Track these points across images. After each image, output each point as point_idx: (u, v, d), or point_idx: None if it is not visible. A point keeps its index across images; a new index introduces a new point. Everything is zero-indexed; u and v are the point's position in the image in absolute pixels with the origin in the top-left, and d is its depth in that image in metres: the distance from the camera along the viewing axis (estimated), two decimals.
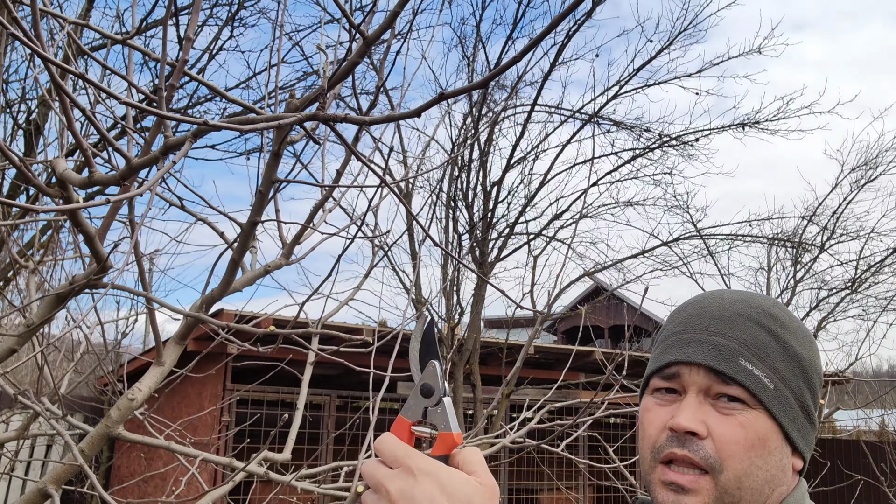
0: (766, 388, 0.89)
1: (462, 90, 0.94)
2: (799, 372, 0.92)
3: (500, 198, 8.90)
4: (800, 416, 0.91)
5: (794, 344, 0.92)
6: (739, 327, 0.92)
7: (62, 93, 1.21)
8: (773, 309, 0.95)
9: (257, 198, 1.60)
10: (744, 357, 0.90)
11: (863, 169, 9.72)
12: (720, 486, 0.87)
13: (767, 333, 0.92)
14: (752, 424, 0.89)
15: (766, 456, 0.89)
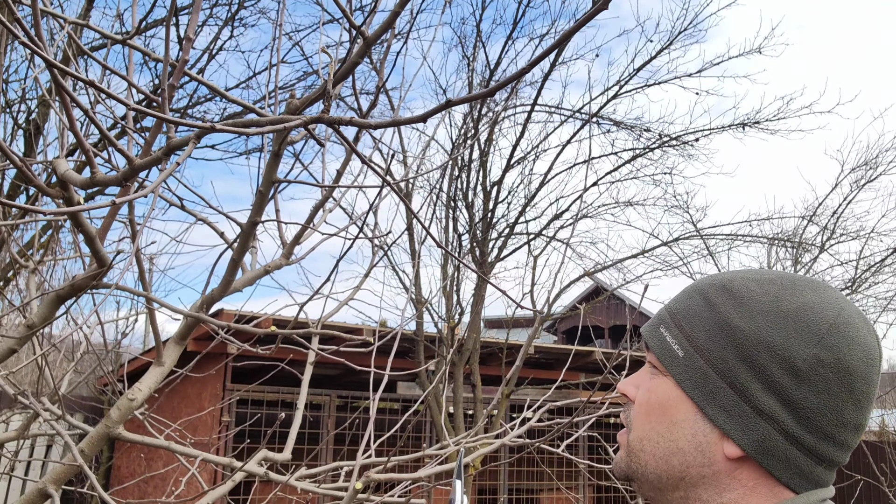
0: (673, 354, 0.84)
1: (467, 98, 0.94)
2: (729, 344, 0.80)
3: (500, 198, 8.90)
4: (724, 392, 0.80)
5: (733, 315, 0.81)
6: (683, 297, 0.88)
7: (63, 92, 1.21)
8: (738, 282, 0.84)
9: (257, 198, 1.60)
10: (664, 324, 0.87)
11: (863, 169, 9.72)
12: (629, 443, 0.89)
13: (704, 303, 0.84)
14: (657, 390, 0.86)
15: (670, 425, 0.84)
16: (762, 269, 0.91)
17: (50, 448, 8.79)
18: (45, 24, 2.28)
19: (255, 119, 1.00)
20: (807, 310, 0.78)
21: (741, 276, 0.85)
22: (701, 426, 0.82)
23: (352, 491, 1.79)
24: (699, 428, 0.82)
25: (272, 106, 1.68)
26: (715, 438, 0.81)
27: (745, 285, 0.83)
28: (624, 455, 0.90)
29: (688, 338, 0.83)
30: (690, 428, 0.82)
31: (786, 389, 0.76)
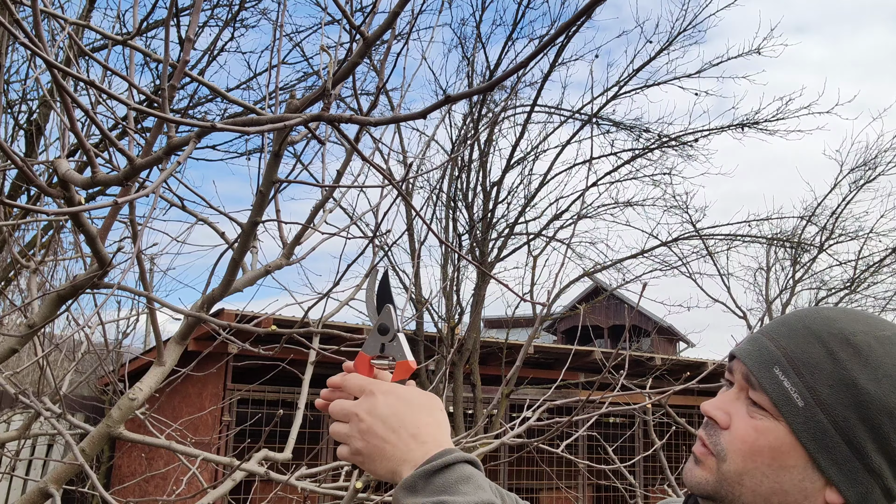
0: (792, 402, 0.86)
1: (466, 94, 0.94)
2: (852, 404, 0.83)
3: (499, 198, 8.91)
4: (841, 450, 0.84)
5: (860, 375, 0.84)
6: (797, 339, 0.89)
7: (64, 93, 1.22)
8: (860, 336, 0.86)
9: (258, 198, 1.61)
10: (780, 366, 0.88)
11: (862, 169, 9.74)
12: (721, 471, 0.90)
13: (827, 354, 0.86)
14: (767, 434, 0.87)
15: (779, 469, 0.87)
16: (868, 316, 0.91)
17: (51, 447, 8.80)
18: (45, 24, 2.29)
19: (255, 118, 1.00)
20: None
21: (861, 331, 0.87)
22: (810, 474, 0.86)
23: (352, 490, 1.79)
24: (808, 475, 0.86)
25: (273, 106, 1.69)
26: (820, 485, 0.86)
27: (867, 343, 0.85)
28: (712, 479, 0.91)
29: (809, 389, 0.85)
30: (800, 474, 0.86)
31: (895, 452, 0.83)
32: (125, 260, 2.53)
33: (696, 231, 9.60)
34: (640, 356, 8.85)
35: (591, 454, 9.31)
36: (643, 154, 9.51)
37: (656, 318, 13.43)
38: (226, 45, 6.95)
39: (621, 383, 2.58)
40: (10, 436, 2.49)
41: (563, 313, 11.77)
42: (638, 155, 9.51)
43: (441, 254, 8.64)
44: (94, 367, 3.97)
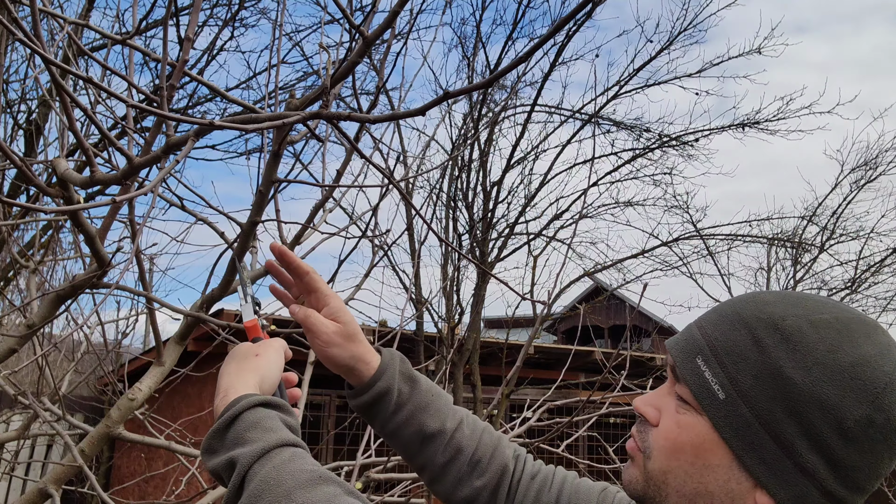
0: (712, 394, 0.78)
1: (466, 90, 0.94)
2: (778, 395, 0.74)
3: (500, 198, 8.90)
4: (769, 447, 0.75)
5: (787, 364, 0.74)
6: (723, 326, 0.80)
7: (63, 92, 1.21)
8: (791, 321, 0.77)
9: (257, 198, 1.60)
10: (702, 356, 0.80)
11: (863, 169, 9.73)
12: (647, 470, 0.84)
13: (752, 341, 0.77)
14: (689, 429, 0.80)
15: (703, 468, 0.79)
16: (808, 298, 0.80)
17: (50, 448, 8.80)
18: (45, 24, 2.29)
19: (254, 116, 1.00)
20: (864, 365, 0.74)
21: (793, 314, 0.77)
22: (735, 474, 0.77)
23: None
24: (733, 475, 0.78)
25: (272, 106, 1.68)
26: (748, 487, 0.77)
27: (798, 327, 0.76)
28: (640, 478, 0.86)
29: (731, 380, 0.77)
30: (724, 474, 0.78)
31: (832, 449, 0.73)
32: (124, 260, 2.52)
33: (697, 231, 9.60)
34: (640, 356, 8.84)
35: (592, 455, 9.31)
36: (644, 154, 9.51)
37: (657, 319, 13.42)
38: (225, 45, 6.94)
39: (622, 383, 2.58)
40: (10, 436, 2.49)
41: (563, 313, 11.77)
42: (638, 155, 9.51)
43: (441, 254, 8.64)
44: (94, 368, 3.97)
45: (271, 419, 0.85)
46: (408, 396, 1.06)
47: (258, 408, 0.86)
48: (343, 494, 0.78)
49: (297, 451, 0.82)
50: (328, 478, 0.79)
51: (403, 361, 1.09)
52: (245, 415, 0.85)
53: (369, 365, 1.05)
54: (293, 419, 0.89)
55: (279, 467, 0.78)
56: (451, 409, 1.09)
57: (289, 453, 0.81)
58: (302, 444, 0.85)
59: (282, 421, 0.86)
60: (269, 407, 0.87)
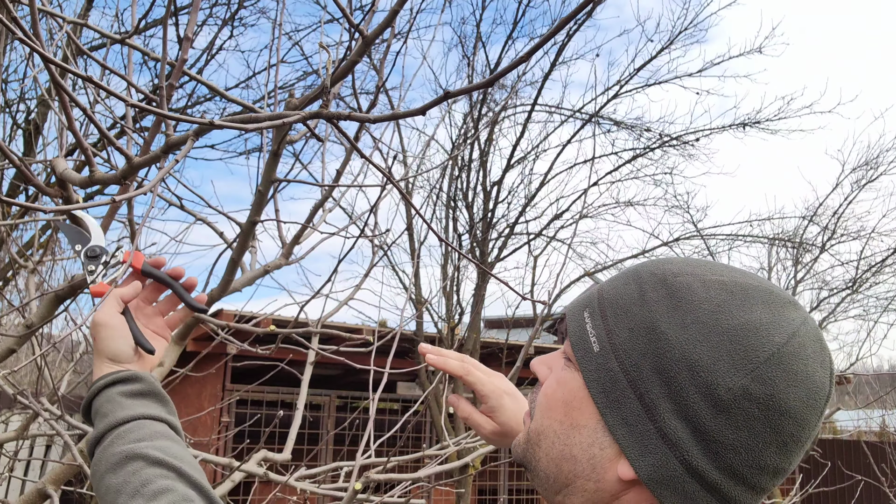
0: (588, 347, 0.72)
1: (466, 89, 0.93)
2: (648, 351, 0.67)
3: (500, 198, 8.90)
4: (631, 403, 0.68)
5: (663, 318, 0.68)
6: (617, 280, 0.75)
7: (62, 91, 1.21)
8: (684, 278, 0.70)
9: (257, 197, 1.60)
10: (589, 308, 0.74)
11: (863, 169, 9.73)
12: (528, 431, 0.79)
13: (638, 295, 0.71)
14: (564, 384, 0.74)
15: (570, 428, 0.73)
16: (723, 266, 0.73)
17: (49, 448, 8.79)
18: (43, 23, 2.28)
19: (254, 115, 0.99)
20: (750, 329, 0.66)
21: (689, 272, 0.71)
22: (599, 437, 0.71)
23: (351, 491, 1.78)
24: (597, 439, 0.71)
25: (272, 105, 1.68)
26: (611, 454, 0.70)
27: (688, 283, 0.69)
28: (523, 440, 0.80)
29: (608, 332, 0.71)
30: (589, 436, 0.71)
31: (699, 417, 0.65)
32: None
33: (698, 231, 9.60)
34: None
35: None
36: (644, 153, 9.50)
37: None
38: (224, 44, 6.94)
39: None
40: (9, 436, 2.48)
41: (563, 313, 11.75)
42: (639, 154, 9.51)
43: (441, 254, 8.64)
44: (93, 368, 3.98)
45: (109, 402, 0.94)
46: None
47: (99, 393, 0.96)
48: (147, 466, 0.85)
49: (120, 431, 0.91)
50: (135, 454, 0.86)
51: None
52: (93, 402, 0.96)
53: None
54: (135, 382, 0.96)
55: (100, 453, 0.89)
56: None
57: (110, 438, 0.90)
58: (134, 409, 0.94)
59: (122, 395, 0.95)
60: (112, 385, 0.96)
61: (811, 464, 8.37)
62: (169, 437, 0.93)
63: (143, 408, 0.94)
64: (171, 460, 0.86)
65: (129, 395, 0.95)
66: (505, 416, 1.02)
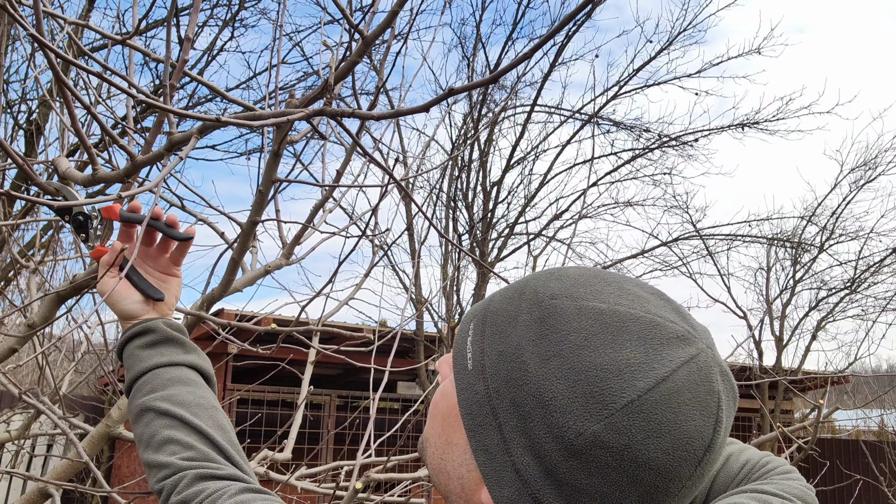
0: (463, 364, 0.68)
1: (470, 86, 0.94)
2: (510, 380, 0.63)
3: (499, 198, 8.92)
4: (490, 432, 0.64)
5: (528, 346, 0.63)
6: (506, 293, 0.70)
7: (66, 89, 1.22)
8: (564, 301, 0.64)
9: (257, 197, 1.61)
10: (476, 321, 0.70)
11: (862, 169, 9.74)
12: (424, 433, 0.76)
13: (514, 314, 0.66)
14: (446, 397, 0.70)
15: (445, 444, 0.70)
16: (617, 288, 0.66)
17: (50, 448, 8.80)
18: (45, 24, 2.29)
19: (258, 112, 1.00)
20: (612, 371, 0.59)
21: (570, 293, 0.65)
22: (467, 459, 0.67)
23: (352, 490, 1.79)
24: (465, 460, 0.67)
25: (272, 105, 1.69)
26: (476, 478, 0.67)
27: (562, 309, 0.63)
28: (422, 439, 0.77)
29: (482, 351, 0.66)
30: (459, 456, 0.68)
31: (550, 458, 0.60)
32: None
33: (697, 231, 9.61)
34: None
35: None
36: (643, 154, 9.51)
37: None
38: (225, 45, 6.95)
39: None
40: (10, 436, 2.49)
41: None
42: (638, 155, 9.52)
43: (441, 254, 8.65)
44: (94, 368, 3.99)
45: (130, 357, 1.03)
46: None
47: (123, 350, 1.05)
48: (156, 418, 0.94)
49: (138, 384, 1.00)
50: (146, 408, 0.96)
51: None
52: (122, 358, 1.05)
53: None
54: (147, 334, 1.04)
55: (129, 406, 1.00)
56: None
57: (133, 391, 1.00)
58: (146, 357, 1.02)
59: (138, 348, 1.03)
60: (129, 341, 1.05)
61: (810, 463, 8.38)
62: (182, 381, 1.01)
63: (157, 357, 1.02)
64: (175, 409, 0.95)
65: (144, 347, 1.04)
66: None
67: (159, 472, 0.89)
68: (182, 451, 0.90)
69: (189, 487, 0.85)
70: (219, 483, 0.86)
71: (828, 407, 4.74)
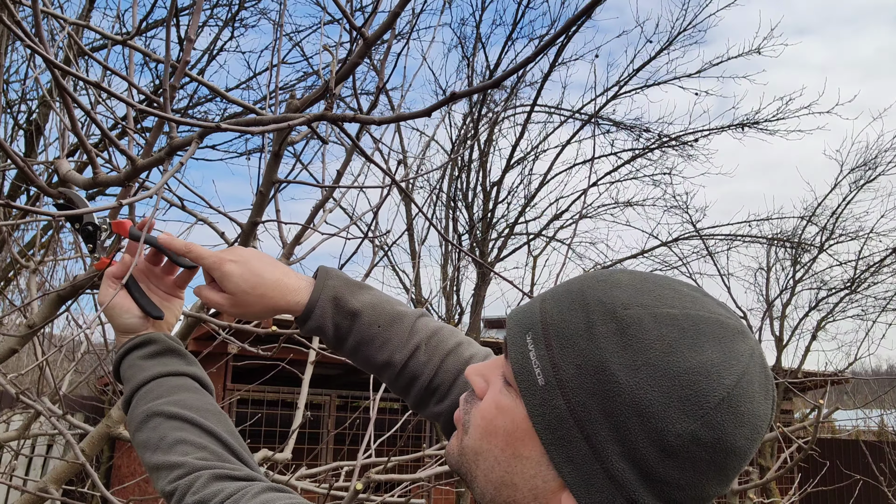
0: (532, 378, 0.69)
1: (472, 91, 0.94)
2: (598, 392, 0.65)
3: (499, 198, 8.92)
4: (580, 447, 0.66)
5: (614, 359, 0.65)
6: (563, 303, 0.70)
7: (64, 93, 1.22)
8: (635, 310, 0.67)
9: (258, 198, 1.61)
10: (532, 333, 0.70)
11: (862, 169, 9.75)
12: (463, 445, 0.77)
13: (586, 326, 0.68)
14: (506, 412, 0.71)
15: (512, 458, 0.71)
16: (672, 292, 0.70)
17: (50, 448, 8.81)
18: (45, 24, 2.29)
19: (258, 118, 1.00)
20: (701, 374, 0.64)
21: (638, 303, 0.67)
22: (543, 471, 0.69)
23: (352, 491, 1.79)
24: (541, 472, 0.69)
25: (273, 106, 1.69)
26: (554, 487, 0.69)
27: (638, 318, 0.66)
28: (456, 451, 0.78)
29: (554, 366, 0.67)
30: (532, 468, 0.70)
31: (647, 461, 0.64)
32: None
33: (697, 231, 9.61)
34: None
35: None
36: (643, 154, 9.52)
37: None
38: (225, 45, 6.95)
39: None
40: (10, 436, 2.49)
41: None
42: (638, 155, 9.52)
43: (441, 254, 8.65)
44: (94, 368, 3.99)
45: (130, 368, 1.02)
46: (347, 330, 1.02)
47: (121, 362, 1.03)
48: (165, 421, 0.92)
49: (141, 392, 0.98)
50: (153, 412, 0.94)
51: (339, 296, 1.02)
52: (119, 371, 1.04)
53: (297, 305, 1.02)
54: (150, 345, 1.03)
55: (130, 415, 0.98)
56: (405, 336, 1.03)
57: (135, 400, 0.98)
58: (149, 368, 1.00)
59: (139, 358, 1.02)
60: (130, 352, 1.03)
61: (810, 463, 8.38)
62: (188, 389, 0.98)
63: (160, 366, 1.00)
64: (185, 412, 0.93)
65: (147, 357, 1.02)
66: (232, 282, 1.01)
67: (171, 473, 0.86)
68: (195, 451, 0.88)
69: (206, 487, 0.83)
70: (238, 483, 0.83)
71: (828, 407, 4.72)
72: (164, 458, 0.88)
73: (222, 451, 0.90)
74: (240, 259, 1.01)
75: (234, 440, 0.93)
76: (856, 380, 10.71)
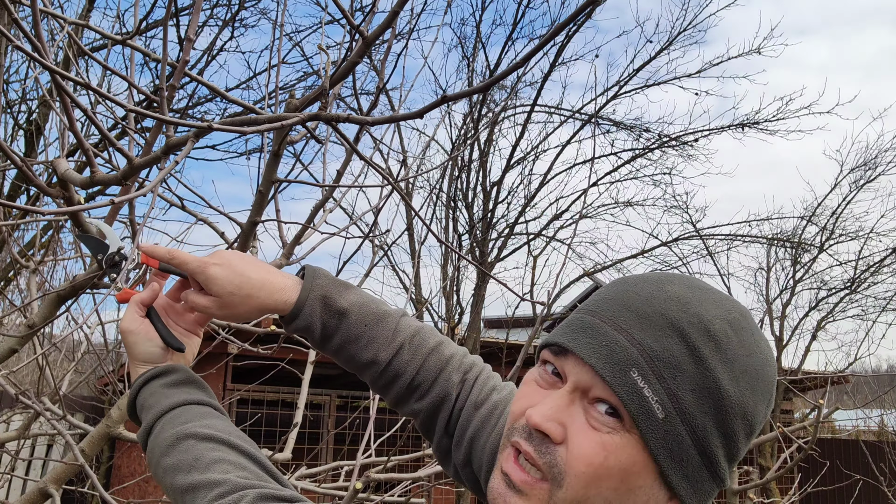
0: (652, 414, 0.70)
1: (464, 94, 0.94)
2: (712, 410, 0.70)
3: (499, 198, 8.92)
4: (694, 462, 0.71)
5: (722, 374, 0.71)
6: (653, 331, 0.72)
7: (63, 94, 1.22)
8: (717, 324, 0.72)
9: (257, 198, 1.61)
10: (638, 369, 0.71)
11: (862, 169, 9.75)
12: (555, 499, 0.73)
13: (688, 351, 0.71)
14: (618, 452, 0.71)
15: (626, 492, 0.72)
16: (710, 289, 0.78)
17: (50, 448, 8.81)
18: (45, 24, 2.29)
19: (253, 117, 1.00)
20: (768, 364, 0.76)
21: (715, 315, 0.73)
22: (655, 493, 0.73)
23: (352, 490, 1.79)
24: (653, 494, 0.73)
25: (272, 106, 1.69)
26: (663, 498, 0.74)
27: (724, 331, 0.73)
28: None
29: (671, 397, 0.70)
30: (644, 494, 0.73)
31: (740, 451, 0.74)
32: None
33: (697, 231, 9.61)
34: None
35: None
36: (643, 154, 9.52)
37: None
38: (225, 45, 6.95)
39: None
40: (10, 436, 2.49)
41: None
42: (638, 155, 9.52)
43: (441, 254, 8.65)
44: (94, 368, 3.98)
45: (152, 395, 0.99)
46: (334, 329, 1.03)
47: (141, 390, 1.01)
48: (199, 443, 0.89)
49: (167, 418, 0.96)
50: (184, 434, 0.91)
51: (328, 295, 1.02)
52: (137, 400, 1.01)
53: (285, 304, 1.02)
54: (172, 374, 1.02)
55: (153, 442, 0.95)
56: (389, 335, 1.04)
57: (160, 426, 0.95)
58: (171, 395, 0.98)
59: (162, 386, 1.00)
60: (151, 380, 1.01)
61: (810, 463, 8.38)
62: (214, 416, 0.97)
63: (185, 395, 0.99)
64: (219, 434, 0.91)
65: (170, 386, 1.00)
66: (217, 285, 1.00)
67: (212, 490, 0.82)
68: (236, 470, 0.86)
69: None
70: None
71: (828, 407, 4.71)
72: (202, 477, 0.85)
73: (261, 472, 0.88)
74: (223, 261, 1.01)
75: (268, 463, 0.92)
76: (856, 379, 10.71)
